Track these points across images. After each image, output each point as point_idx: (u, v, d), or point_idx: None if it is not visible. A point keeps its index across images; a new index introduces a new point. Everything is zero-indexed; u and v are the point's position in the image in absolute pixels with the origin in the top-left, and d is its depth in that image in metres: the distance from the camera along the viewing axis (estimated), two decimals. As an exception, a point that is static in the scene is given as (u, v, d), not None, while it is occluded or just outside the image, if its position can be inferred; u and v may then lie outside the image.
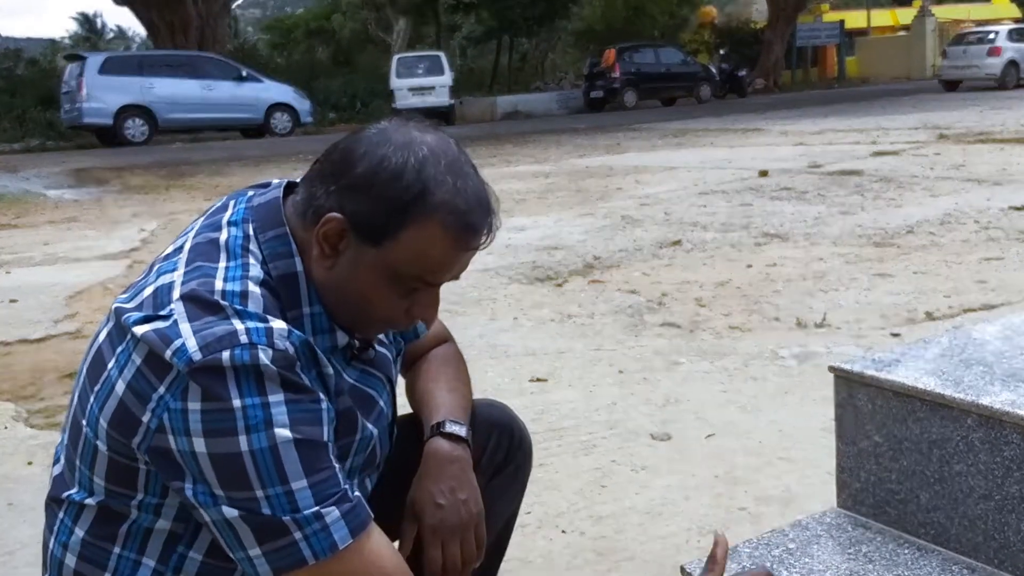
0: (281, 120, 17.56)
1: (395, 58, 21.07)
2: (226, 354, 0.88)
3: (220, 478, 0.89)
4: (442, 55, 21.65)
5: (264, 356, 0.89)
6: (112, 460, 0.96)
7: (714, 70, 24.54)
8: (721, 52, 27.47)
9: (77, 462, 1.00)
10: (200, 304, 0.92)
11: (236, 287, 0.94)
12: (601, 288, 4.22)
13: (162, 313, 0.92)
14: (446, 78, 20.37)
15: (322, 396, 0.94)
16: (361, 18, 35.37)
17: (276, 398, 0.89)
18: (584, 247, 5.37)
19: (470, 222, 0.96)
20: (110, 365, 0.94)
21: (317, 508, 0.90)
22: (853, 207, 6.29)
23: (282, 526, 0.90)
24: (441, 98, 20.23)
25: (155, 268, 1.01)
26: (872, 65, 30.29)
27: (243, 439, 0.88)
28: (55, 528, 1.04)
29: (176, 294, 0.93)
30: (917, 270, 4.24)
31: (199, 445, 0.89)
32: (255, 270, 0.96)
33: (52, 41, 46.44)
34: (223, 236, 0.99)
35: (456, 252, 0.97)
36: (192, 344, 0.89)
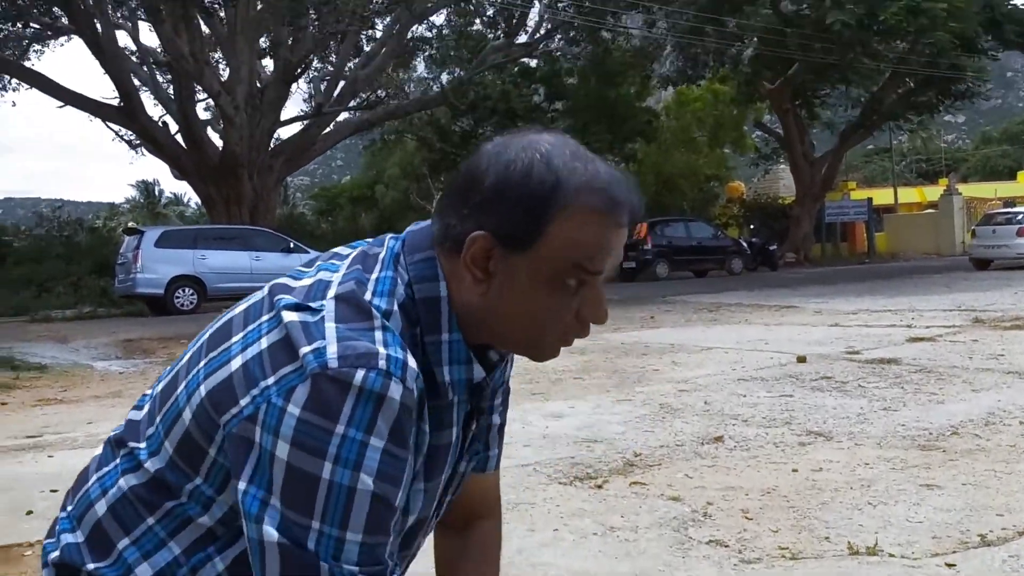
0: (324, 289, 17.99)
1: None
2: (360, 373, 0.86)
3: (285, 491, 0.86)
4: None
5: (395, 391, 0.87)
6: (189, 433, 0.94)
7: (745, 244, 25.04)
8: (751, 226, 28.13)
9: (158, 419, 0.98)
10: (351, 308, 0.91)
11: (383, 303, 0.93)
12: (643, 493, 4.18)
13: (313, 306, 0.91)
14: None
15: (411, 458, 0.91)
16: (402, 187, 36.96)
17: (378, 442, 0.86)
18: (624, 440, 5.35)
19: (613, 195, 0.94)
20: (236, 337, 0.93)
21: (357, 569, 0.86)
22: (895, 402, 6.23)
23: (315, 570, 0.85)
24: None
25: (316, 263, 1.02)
26: (901, 241, 30.77)
27: (328, 466, 0.85)
28: (104, 469, 1.01)
29: (331, 292, 0.93)
30: (966, 480, 4.16)
31: (282, 450, 0.85)
32: (400, 288, 0.95)
33: (112, 205, 48.76)
34: (382, 252, 0.99)
35: (606, 230, 0.94)
36: (333, 350, 0.87)
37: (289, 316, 0.90)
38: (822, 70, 24.00)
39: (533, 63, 27.76)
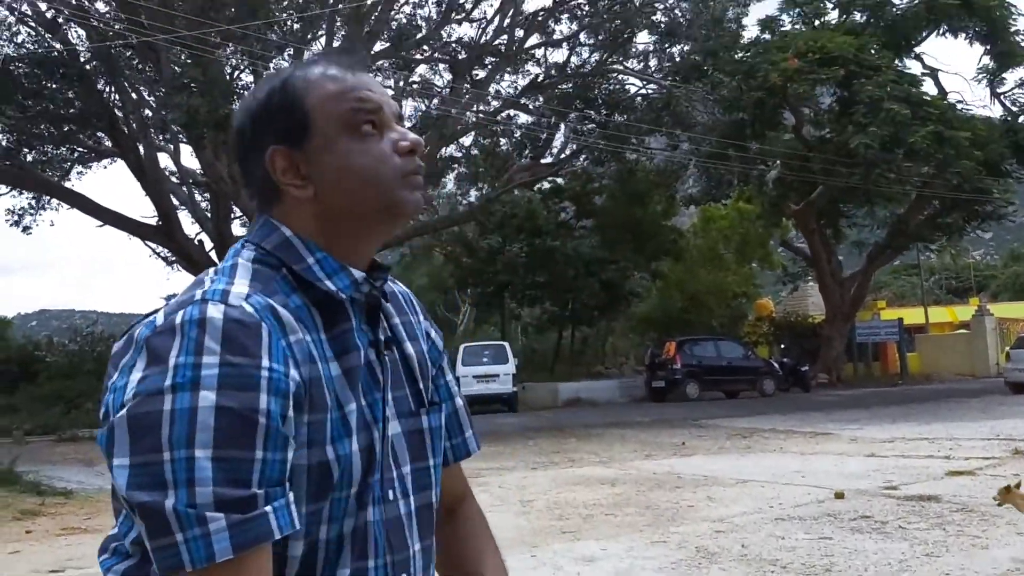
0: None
1: (461, 347, 21.93)
2: (180, 314, 0.89)
3: (133, 444, 0.84)
4: (506, 345, 22.44)
5: (214, 310, 0.88)
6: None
7: (776, 364, 24.79)
8: (782, 345, 27.92)
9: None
10: (185, 291, 0.94)
11: (225, 264, 0.99)
12: (683, 656, 4.00)
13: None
14: (510, 366, 21.00)
15: (277, 365, 0.88)
16: (429, 299, 37.25)
17: (211, 358, 0.86)
18: (660, 591, 5.17)
19: (332, 57, 1.06)
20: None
21: (210, 491, 0.82)
22: (937, 546, 6.00)
23: (166, 524, 0.82)
24: (505, 386, 20.74)
25: None
26: (934, 362, 30.36)
27: (168, 398, 0.84)
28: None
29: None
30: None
31: (124, 412, 0.85)
32: (248, 252, 1.00)
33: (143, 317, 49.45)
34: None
35: (343, 73, 1.03)
36: (160, 317, 0.90)
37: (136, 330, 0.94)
38: (847, 192, 24.27)
39: (561, 180, 28.44)
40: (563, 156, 26.67)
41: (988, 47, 24.16)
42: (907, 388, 25.24)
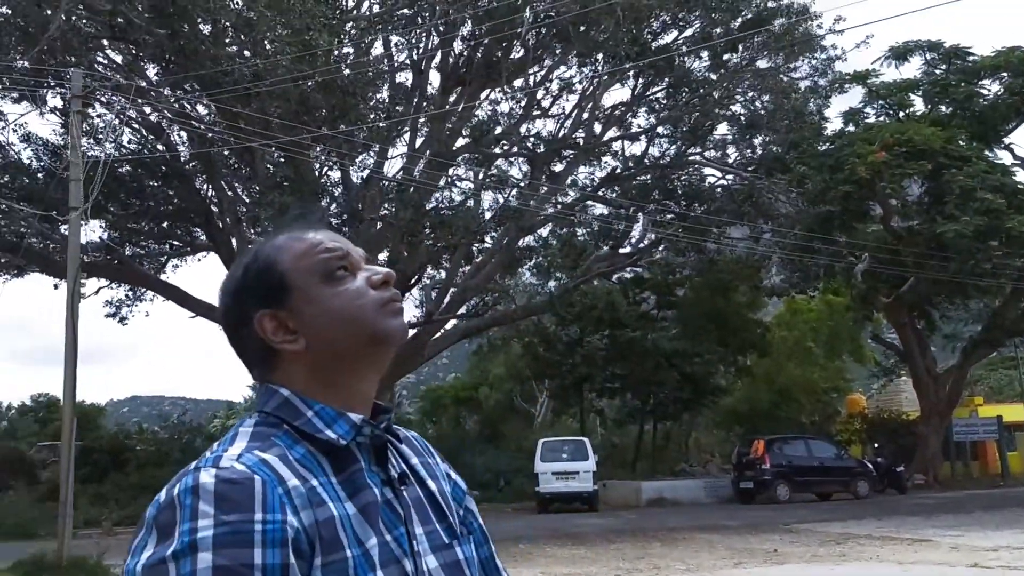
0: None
1: (540, 442, 21.58)
2: (177, 486, 0.93)
3: None
4: (587, 441, 22.03)
5: (205, 476, 0.92)
6: None
7: (870, 464, 23.73)
8: (875, 444, 26.75)
9: None
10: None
11: (228, 434, 1.03)
12: None
13: None
14: (590, 463, 20.51)
15: (272, 515, 0.92)
16: (506, 389, 37.08)
17: (206, 521, 0.89)
18: None
19: (291, 222, 1.15)
20: None
21: None
22: None
23: None
24: (585, 484, 20.23)
25: None
26: (1038, 462, 28.61)
27: (171, 567, 0.87)
28: None
29: None
30: None
31: None
32: (251, 419, 1.05)
33: (229, 404, 50.63)
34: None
35: (305, 233, 1.11)
36: (163, 494, 0.94)
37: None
38: (938, 284, 23.48)
39: (642, 271, 28.30)
40: (642, 246, 26.63)
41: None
42: (1009, 490, 23.77)
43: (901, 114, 24.74)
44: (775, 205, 23.86)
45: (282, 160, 20.90)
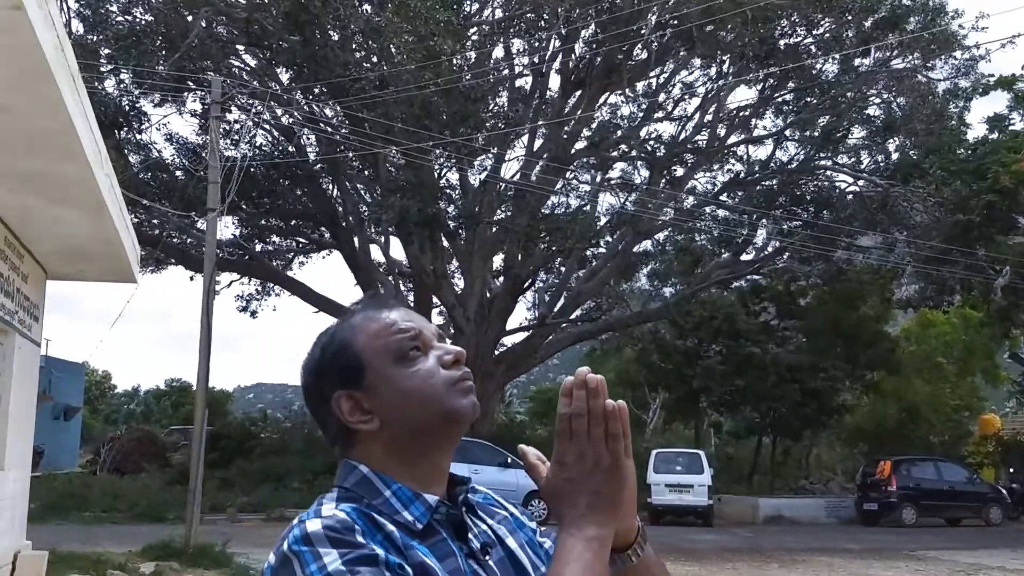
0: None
1: (654, 453, 21.18)
2: (285, 544, 0.98)
3: None
4: (702, 454, 21.51)
5: (311, 526, 0.99)
6: None
7: (1003, 490, 22.34)
8: (1011, 470, 25.11)
9: None
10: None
11: (311, 508, 1.06)
12: None
13: None
14: (705, 477, 20.00)
15: (386, 554, 0.97)
16: (617, 394, 36.58)
17: (330, 557, 0.95)
18: None
19: (367, 303, 1.18)
20: None
21: None
22: None
23: None
24: (700, 497, 19.75)
25: None
26: None
27: None
28: None
29: None
30: None
31: None
32: (331, 494, 1.09)
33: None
34: None
35: (380, 313, 1.14)
36: (271, 557, 1.00)
37: None
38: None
39: (762, 279, 27.41)
40: (765, 254, 25.81)
41: None
42: None
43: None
44: (910, 214, 22.71)
45: (403, 163, 21.35)
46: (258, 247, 24.99)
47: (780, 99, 23.95)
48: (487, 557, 1.11)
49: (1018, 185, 19.52)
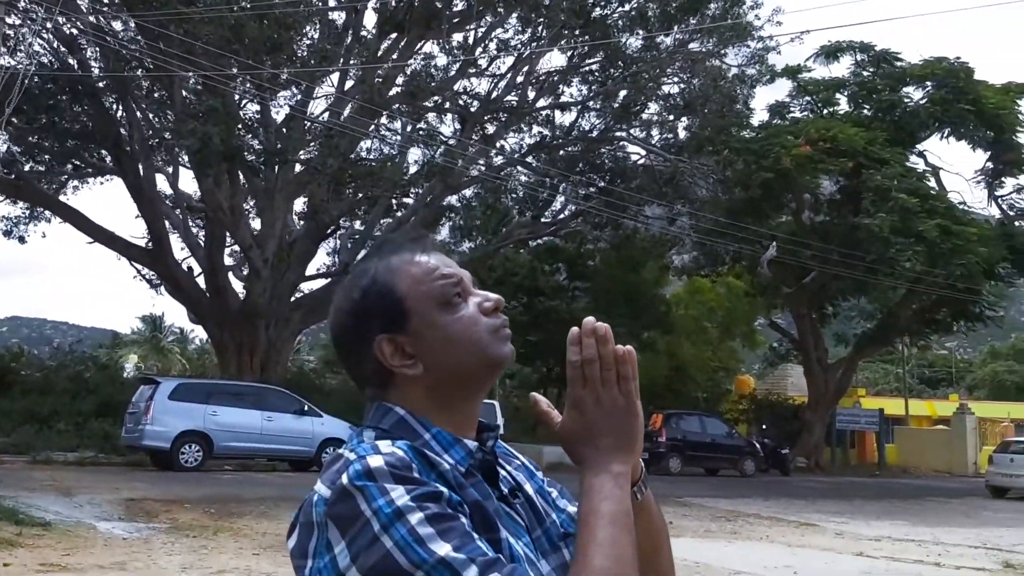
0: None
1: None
2: (344, 477, 0.98)
3: None
4: (496, 404, 22.17)
5: (373, 461, 0.98)
6: None
7: (757, 444, 24.75)
8: (762, 426, 27.87)
9: None
10: (327, 467, 1.04)
11: (353, 441, 1.07)
12: None
13: None
14: (498, 430, 20.68)
15: (443, 488, 0.99)
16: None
17: (398, 492, 0.96)
18: None
19: (404, 243, 1.16)
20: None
21: (479, 571, 0.92)
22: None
23: None
24: (491, 445, 20.42)
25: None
26: (912, 455, 30.45)
27: (385, 539, 0.94)
28: None
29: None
30: None
31: (354, 575, 0.94)
32: (369, 433, 1.08)
33: (115, 334, 48.58)
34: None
35: (422, 257, 1.13)
36: (323, 490, 0.99)
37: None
38: (839, 280, 24.47)
39: (558, 241, 28.46)
40: (562, 217, 26.77)
41: (992, 153, 24.69)
42: (886, 481, 25.21)
43: (825, 112, 25.48)
44: (694, 188, 24.29)
45: (199, 88, 19.97)
46: (28, 167, 22.65)
47: (587, 69, 24.72)
48: (516, 501, 1.13)
49: (796, 168, 21.43)
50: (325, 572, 0.97)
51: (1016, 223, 25.00)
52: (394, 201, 24.30)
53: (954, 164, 37.20)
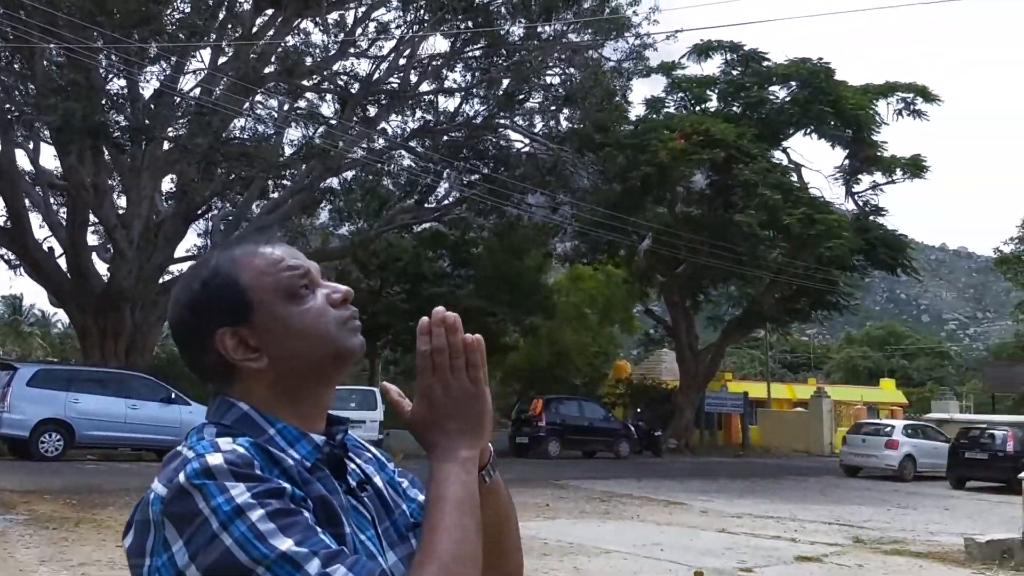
0: (201, 444, 17.15)
1: (327, 389, 21.31)
2: (181, 476, 0.96)
3: None
4: (376, 391, 22.02)
5: (212, 459, 0.96)
6: None
7: (632, 427, 25.51)
8: (638, 409, 28.74)
9: None
10: (164, 465, 1.01)
11: (192, 439, 1.04)
12: None
13: None
14: (378, 413, 20.58)
15: (287, 484, 0.98)
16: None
17: (238, 489, 0.94)
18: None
19: (248, 235, 1.17)
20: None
21: (321, 568, 0.92)
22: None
23: None
24: (371, 432, 20.23)
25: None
26: (773, 436, 32.04)
27: (225, 536, 0.92)
28: None
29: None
30: None
31: (193, 573, 0.93)
32: (210, 429, 1.05)
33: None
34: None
35: (267, 248, 1.12)
36: (160, 488, 0.97)
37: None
38: (710, 269, 25.49)
39: (442, 227, 28.39)
40: (446, 203, 26.71)
41: (850, 151, 26.18)
42: (749, 460, 26.47)
43: (697, 108, 26.39)
44: (576, 179, 24.69)
45: (64, 62, 18.89)
46: None
47: (470, 55, 24.69)
48: (363, 494, 1.12)
49: (672, 161, 22.13)
50: (163, 570, 0.96)
51: (871, 218, 26.58)
52: (270, 182, 23.65)
53: (814, 161, 39.07)
